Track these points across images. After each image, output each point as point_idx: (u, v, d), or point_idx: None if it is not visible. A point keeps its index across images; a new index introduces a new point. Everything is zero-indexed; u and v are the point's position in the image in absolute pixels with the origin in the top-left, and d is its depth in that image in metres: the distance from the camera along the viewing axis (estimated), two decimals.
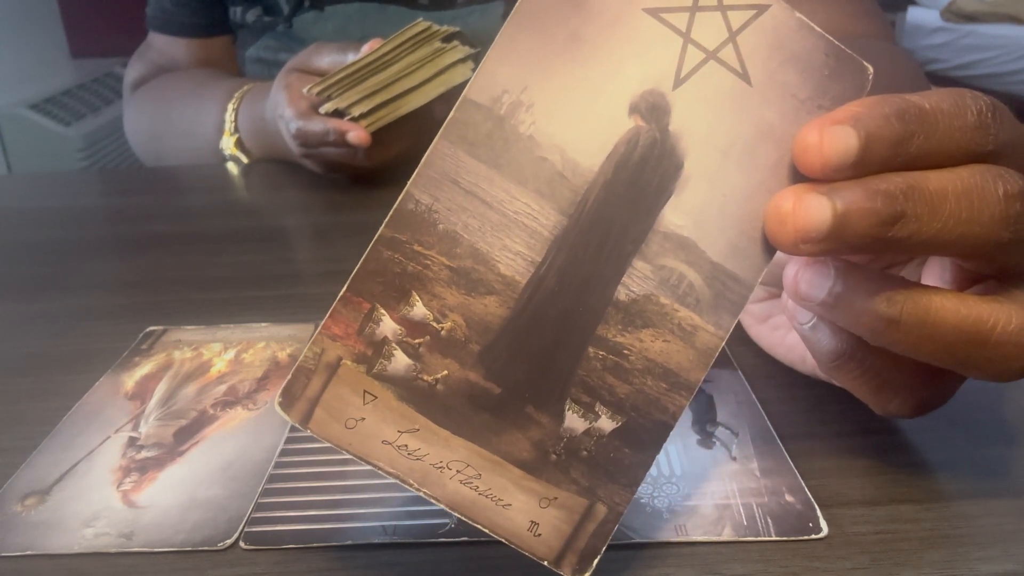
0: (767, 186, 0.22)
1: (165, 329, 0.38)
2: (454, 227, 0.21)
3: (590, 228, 0.21)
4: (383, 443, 0.21)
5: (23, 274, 0.47)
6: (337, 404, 0.21)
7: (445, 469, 0.21)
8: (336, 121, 0.53)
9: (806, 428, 0.29)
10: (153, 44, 0.82)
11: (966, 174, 0.21)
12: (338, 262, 0.41)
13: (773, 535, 0.24)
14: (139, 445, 0.30)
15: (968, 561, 0.23)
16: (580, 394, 0.22)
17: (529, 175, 0.21)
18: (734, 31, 0.21)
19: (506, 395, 0.21)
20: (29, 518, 0.26)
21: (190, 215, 0.57)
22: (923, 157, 0.21)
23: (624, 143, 0.21)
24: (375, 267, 0.21)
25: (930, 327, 0.21)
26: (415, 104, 0.54)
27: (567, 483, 0.22)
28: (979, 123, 0.21)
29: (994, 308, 0.21)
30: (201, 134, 0.69)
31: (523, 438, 0.21)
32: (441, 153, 0.21)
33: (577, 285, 0.21)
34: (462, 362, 0.21)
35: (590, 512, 0.22)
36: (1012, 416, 0.30)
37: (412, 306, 0.21)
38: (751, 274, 0.22)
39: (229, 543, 0.25)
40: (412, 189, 0.21)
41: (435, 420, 0.21)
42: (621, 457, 0.22)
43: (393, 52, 0.54)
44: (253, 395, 0.32)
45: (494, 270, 0.21)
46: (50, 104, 2.11)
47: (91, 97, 2.23)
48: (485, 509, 0.21)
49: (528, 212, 0.21)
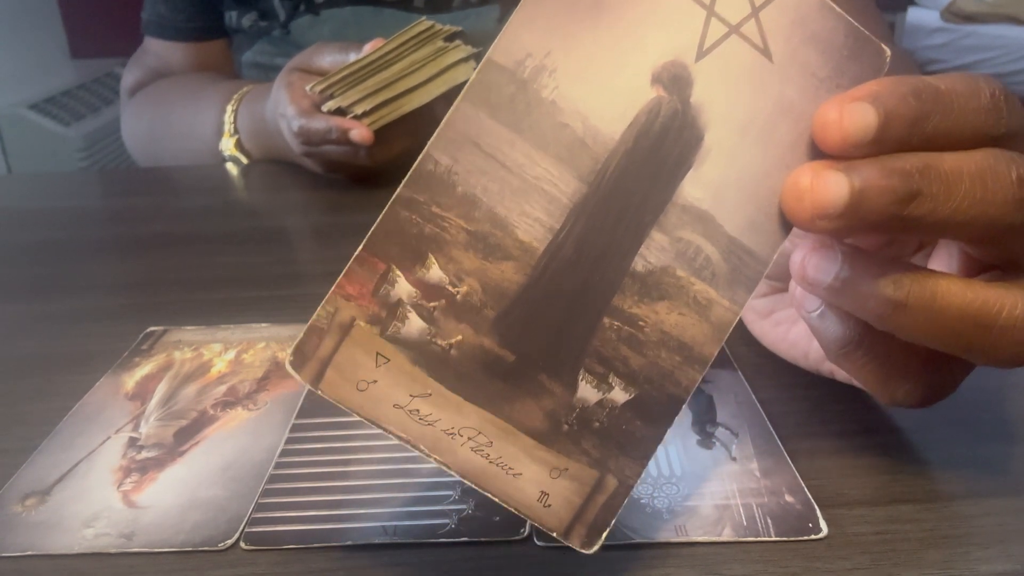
0: (785, 162, 0.22)
1: (165, 329, 0.38)
2: (473, 190, 0.21)
3: (609, 197, 0.21)
4: (394, 407, 0.21)
5: (23, 274, 0.47)
6: (349, 365, 0.20)
7: (456, 436, 0.21)
8: (339, 119, 0.53)
9: (806, 428, 0.29)
10: (149, 49, 0.82)
11: (980, 156, 0.21)
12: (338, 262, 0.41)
13: (773, 535, 0.24)
14: (139, 445, 0.30)
15: (968, 561, 0.23)
16: (594, 364, 0.21)
17: (550, 140, 0.21)
18: (757, 7, 0.21)
19: (520, 363, 0.21)
20: (29, 518, 0.26)
21: (190, 215, 0.57)
22: (938, 137, 0.21)
23: (645, 113, 0.21)
24: (392, 227, 0.21)
25: (936, 311, 0.21)
26: (417, 103, 0.54)
27: (578, 454, 0.21)
28: (992, 105, 0.21)
29: (1000, 293, 0.22)
30: (200, 136, 0.69)
31: (536, 407, 0.21)
32: (463, 114, 0.21)
33: (595, 254, 0.21)
34: (477, 328, 0.21)
35: (600, 484, 0.21)
36: (1011, 415, 0.30)
37: (428, 268, 0.21)
38: (767, 250, 0.22)
39: (229, 543, 0.25)
40: (432, 150, 0.21)
41: (448, 385, 0.21)
42: (633, 430, 0.22)
43: (395, 51, 0.55)
44: (253, 395, 0.32)
45: (512, 235, 0.21)
46: (50, 104, 2.11)
47: (91, 97, 2.23)
48: (495, 477, 0.21)
49: (548, 178, 0.21)
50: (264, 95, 0.62)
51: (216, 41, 0.79)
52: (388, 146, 0.56)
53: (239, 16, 0.74)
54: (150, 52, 0.81)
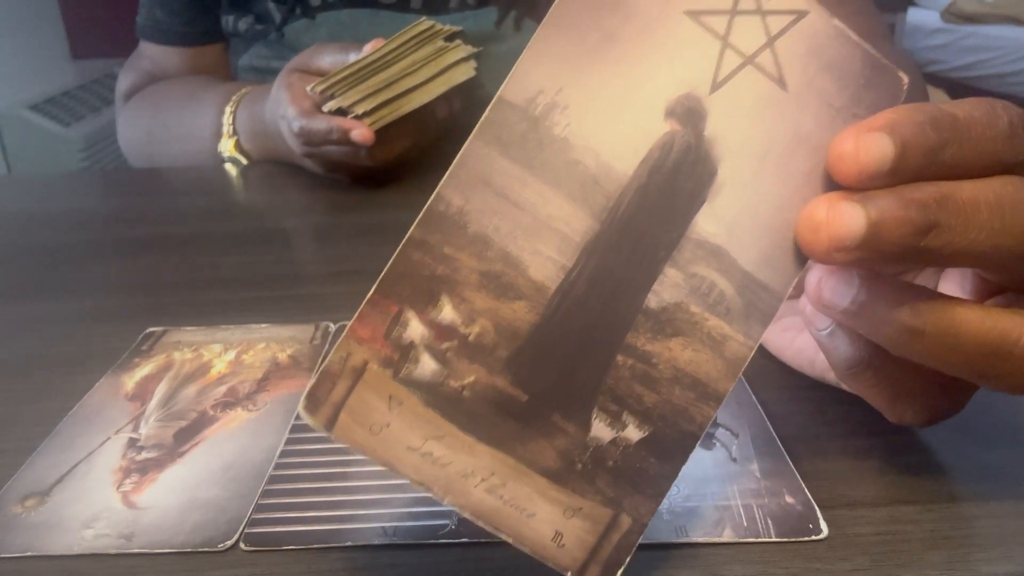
0: (801, 194, 0.21)
1: (165, 330, 0.38)
2: (485, 229, 0.20)
3: (622, 234, 0.21)
4: (408, 449, 0.20)
5: (23, 275, 0.47)
6: (362, 409, 0.20)
7: (470, 477, 0.21)
8: (339, 119, 0.53)
9: (806, 429, 0.29)
10: (144, 53, 0.81)
11: (998, 185, 0.21)
12: (338, 263, 0.41)
13: (773, 536, 0.24)
14: (139, 446, 0.30)
15: (969, 562, 0.23)
16: (607, 402, 0.21)
17: (563, 178, 0.21)
18: (772, 36, 0.21)
19: (533, 402, 0.21)
20: (29, 519, 0.26)
21: (190, 216, 0.57)
22: (956, 166, 0.21)
23: (659, 148, 0.21)
24: (404, 269, 0.20)
25: (954, 339, 0.21)
26: (418, 102, 0.54)
27: (592, 493, 0.21)
28: (1011, 133, 0.21)
29: (1017, 321, 0.21)
30: (199, 137, 0.68)
31: (549, 447, 0.21)
32: (474, 153, 0.20)
33: (607, 292, 0.21)
34: (489, 368, 0.21)
35: (615, 523, 0.21)
36: (1012, 418, 0.30)
37: (440, 309, 0.21)
38: (782, 284, 0.22)
39: (229, 544, 0.25)
40: (443, 190, 0.20)
41: (461, 426, 0.21)
42: (647, 467, 0.21)
43: (396, 51, 0.55)
44: (253, 396, 0.32)
45: (524, 274, 0.21)
46: (50, 105, 2.11)
47: (91, 98, 2.23)
48: (509, 518, 0.21)
49: (560, 216, 0.21)
50: (263, 96, 0.62)
51: (212, 46, 0.79)
52: (389, 146, 0.56)
53: (235, 20, 0.74)
54: (145, 56, 0.81)
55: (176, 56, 0.79)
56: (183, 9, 0.77)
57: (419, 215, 0.20)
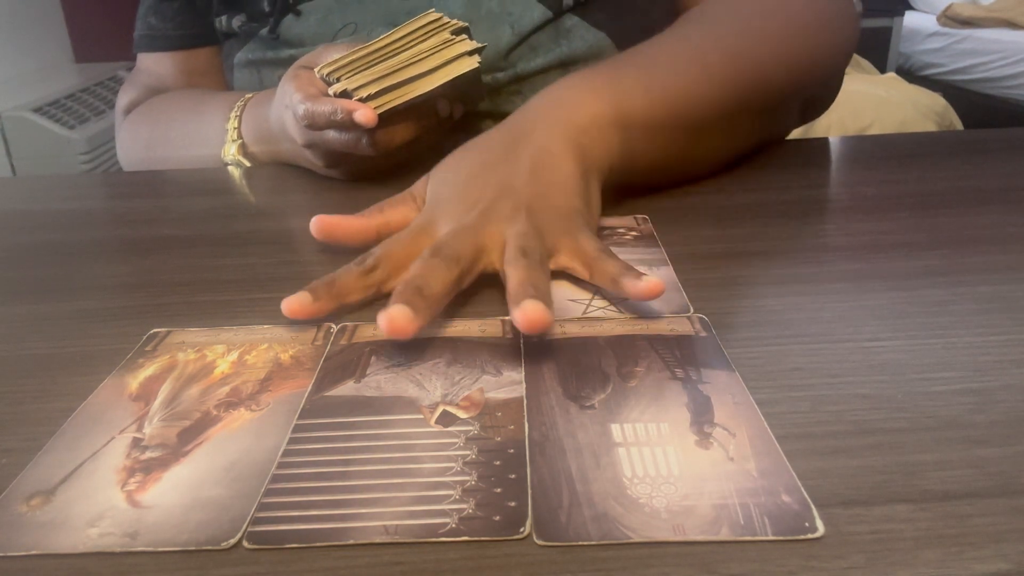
0: None
1: (169, 331, 0.38)
2: None
3: None
4: None
5: (27, 276, 0.47)
6: None
7: None
8: (343, 101, 0.54)
9: (803, 429, 0.29)
10: (142, 67, 0.82)
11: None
12: (340, 264, 0.41)
13: (770, 535, 0.24)
14: (143, 446, 0.30)
15: (963, 560, 0.23)
16: None
17: None
18: None
19: None
20: (34, 518, 0.26)
21: (193, 218, 0.57)
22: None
23: None
24: None
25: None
26: (421, 91, 0.55)
27: None
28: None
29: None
30: (203, 145, 0.69)
31: None
32: None
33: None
34: None
35: None
36: (1005, 416, 0.30)
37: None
38: None
39: (232, 543, 0.25)
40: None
41: None
42: None
43: (403, 40, 0.56)
44: (256, 396, 0.33)
45: None
46: (54, 107, 2.12)
47: (95, 101, 2.24)
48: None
49: None
50: (267, 100, 0.63)
51: (206, 48, 0.80)
52: (390, 135, 0.56)
53: (229, 19, 0.75)
54: (143, 71, 0.82)
55: (170, 61, 0.80)
56: (175, 13, 0.78)
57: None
